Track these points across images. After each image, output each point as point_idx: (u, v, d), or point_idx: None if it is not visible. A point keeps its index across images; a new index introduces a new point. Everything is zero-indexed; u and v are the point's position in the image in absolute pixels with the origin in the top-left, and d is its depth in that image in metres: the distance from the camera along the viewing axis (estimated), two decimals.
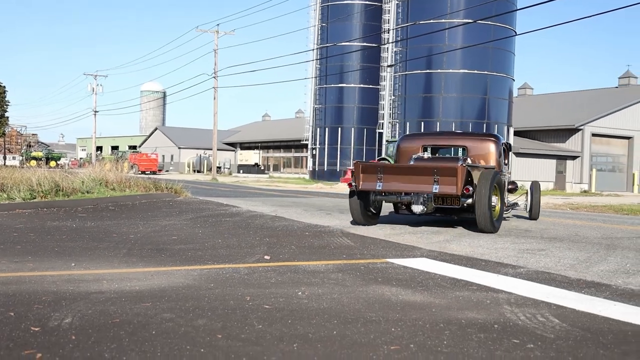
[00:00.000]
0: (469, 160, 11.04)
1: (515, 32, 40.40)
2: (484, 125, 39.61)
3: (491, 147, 11.45)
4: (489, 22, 37.33)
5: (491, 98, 40.02)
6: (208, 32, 47.31)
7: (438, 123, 39.55)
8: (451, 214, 11.03)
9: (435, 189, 9.56)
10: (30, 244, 7.12)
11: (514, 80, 42.25)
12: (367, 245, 7.81)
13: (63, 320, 3.75)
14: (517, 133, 43.74)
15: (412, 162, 11.28)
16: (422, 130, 38.86)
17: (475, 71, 39.23)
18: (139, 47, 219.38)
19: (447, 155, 13.06)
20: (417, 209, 10.09)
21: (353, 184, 10.19)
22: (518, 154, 42.46)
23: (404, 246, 7.86)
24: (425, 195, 10.05)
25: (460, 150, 12.32)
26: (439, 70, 39.53)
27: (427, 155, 11.91)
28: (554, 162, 44.14)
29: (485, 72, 39.41)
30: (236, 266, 5.96)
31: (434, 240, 8.64)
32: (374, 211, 10.88)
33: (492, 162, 11.24)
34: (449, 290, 5.01)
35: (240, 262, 6.24)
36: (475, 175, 10.09)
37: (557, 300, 4.67)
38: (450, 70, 39.31)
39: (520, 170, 41.02)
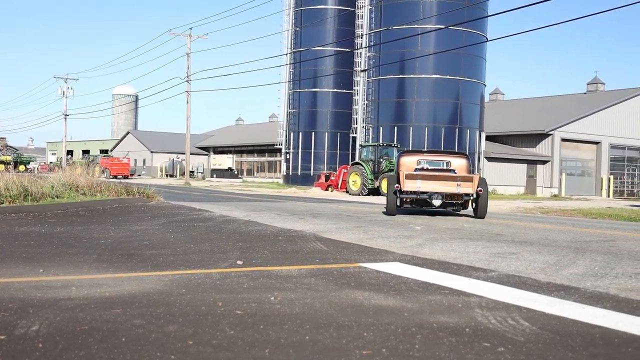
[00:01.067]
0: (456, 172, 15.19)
1: (487, 38, 40.93)
2: (456, 130, 40.01)
3: (465, 162, 15.89)
4: (461, 28, 37.78)
5: (463, 103, 40.45)
6: (181, 35, 47.04)
7: (411, 128, 39.84)
8: (452, 207, 15.47)
9: (458, 190, 14.18)
10: None
11: (485, 85, 42.77)
12: (340, 250, 7.81)
13: (30, 327, 3.68)
14: (489, 138, 44.24)
15: (418, 172, 14.88)
16: (395, 136, 39.29)
17: (448, 76, 39.62)
18: (110, 50, 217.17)
19: (441, 167, 15.88)
20: (437, 203, 14.42)
21: (397, 185, 14.35)
22: (489, 159, 42.97)
23: (377, 250, 7.89)
24: (443, 194, 14.30)
25: (444, 163, 15.83)
26: (411, 75, 39.84)
27: (425, 166, 15.56)
28: (524, 166, 44.75)
29: (457, 78, 39.82)
30: (208, 271, 5.91)
31: (407, 244, 8.68)
32: (399, 205, 15.01)
33: (466, 173, 15.41)
34: (421, 295, 5.04)
35: (213, 267, 6.19)
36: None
37: (527, 304, 4.73)
38: (423, 76, 39.64)
39: (492, 175, 41.49)
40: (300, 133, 49.59)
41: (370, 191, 31.71)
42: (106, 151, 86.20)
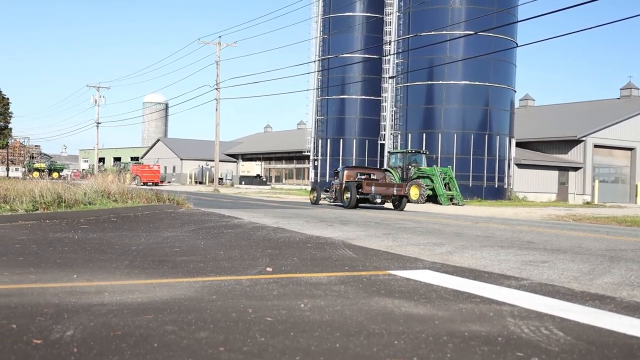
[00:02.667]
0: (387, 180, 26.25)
1: (517, 44, 40.57)
2: (486, 136, 39.67)
3: (386, 174, 26.73)
4: (490, 34, 37.49)
5: (493, 109, 40.10)
6: (210, 44, 47.54)
7: (440, 134, 39.63)
8: (386, 202, 23.49)
9: (395, 192, 22.87)
10: (32, 255, 7.12)
11: (515, 91, 42.35)
12: (369, 257, 7.79)
13: (65, 332, 3.74)
14: (519, 144, 43.78)
15: (373, 181, 23.45)
16: (424, 143, 39.14)
17: (477, 82, 39.34)
18: (141, 59, 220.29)
19: (374, 177, 24.40)
20: (379, 200, 22.79)
21: (361, 189, 22.30)
22: (520, 165, 42.48)
23: (407, 258, 7.84)
24: (382, 195, 22.69)
25: (373, 174, 24.54)
26: (440, 82, 39.65)
27: (364, 177, 23.80)
28: (556, 173, 44.15)
29: (487, 84, 39.52)
30: (238, 278, 5.94)
31: (437, 252, 8.62)
32: (359, 203, 22.93)
33: (390, 182, 25.95)
34: (452, 303, 4.99)
35: (243, 274, 6.22)
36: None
37: (561, 313, 4.65)
38: (452, 82, 39.42)
39: (523, 182, 41.04)
40: (329, 140, 49.66)
41: None
42: (137, 158, 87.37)
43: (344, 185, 23.08)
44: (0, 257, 6.92)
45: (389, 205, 24.35)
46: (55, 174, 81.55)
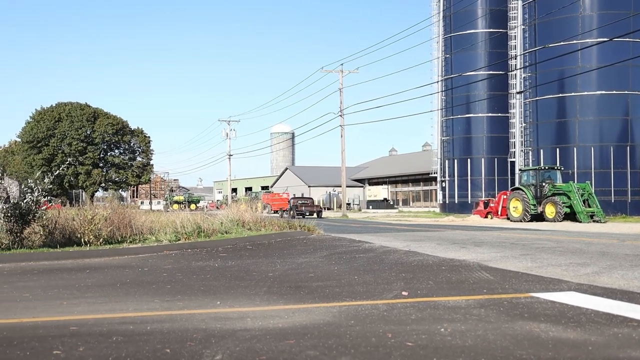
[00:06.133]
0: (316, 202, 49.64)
1: None
2: (627, 148, 37.10)
3: (313, 198, 50.27)
4: (627, 39, 35.15)
5: (634, 119, 37.49)
6: (333, 72, 48.47)
7: (575, 149, 37.61)
8: (312, 216, 41.76)
9: (316, 208, 44.12)
10: (178, 283, 7.53)
11: None
12: (508, 279, 7.48)
13: (214, 357, 3.90)
14: None
15: (302, 202, 45.12)
16: (558, 158, 37.35)
17: (614, 92, 37.01)
18: (268, 92, 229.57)
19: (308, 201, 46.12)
20: (307, 213, 42.11)
21: (297, 207, 43.37)
22: None
23: (548, 279, 7.45)
24: (310, 211, 43.25)
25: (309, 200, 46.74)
26: (572, 94, 37.73)
27: (300, 201, 44.95)
28: None
29: (626, 92, 37.07)
30: (374, 302, 5.92)
31: (581, 272, 8.11)
32: (298, 216, 38.15)
33: (315, 202, 48.97)
34: (605, 327, 4.65)
35: (378, 298, 6.19)
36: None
37: None
38: (585, 93, 37.38)
39: None
40: (455, 160, 48.70)
41: (533, 217, 30.17)
42: (267, 187, 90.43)
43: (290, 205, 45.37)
44: (150, 285, 7.39)
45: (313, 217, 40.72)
46: (192, 206, 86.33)
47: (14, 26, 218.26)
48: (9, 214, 11.71)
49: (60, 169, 21.35)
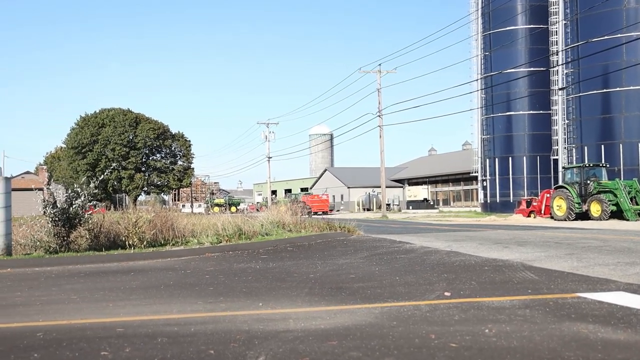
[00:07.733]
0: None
1: None
2: None
3: (326, 196, 68.87)
4: None
5: None
6: (370, 72, 48.36)
7: (621, 145, 36.66)
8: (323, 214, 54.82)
9: (321, 208, 61.93)
10: (220, 285, 7.60)
11: None
12: (553, 279, 7.34)
13: (257, 358, 3.92)
14: None
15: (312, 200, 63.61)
16: (603, 155, 36.45)
17: None
18: (306, 93, 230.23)
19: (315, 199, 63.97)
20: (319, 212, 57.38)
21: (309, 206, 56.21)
22: None
23: (595, 279, 7.28)
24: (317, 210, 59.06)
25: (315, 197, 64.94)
26: (617, 89, 36.79)
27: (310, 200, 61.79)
28: None
29: None
30: (416, 303, 5.87)
31: (631, 272, 7.90)
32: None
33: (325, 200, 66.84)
34: None
35: (420, 299, 6.14)
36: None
37: None
38: (631, 87, 36.40)
39: None
40: (496, 159, 48.01)
41: (578, 216, 29.52)
42: (306, 189, 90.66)
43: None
44: (193, 287, 7.48)
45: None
46: (233, 208, 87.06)
47: (61, 37, 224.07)
48: (57, 219, 12.02)
49: (105, 173, 21.80)
